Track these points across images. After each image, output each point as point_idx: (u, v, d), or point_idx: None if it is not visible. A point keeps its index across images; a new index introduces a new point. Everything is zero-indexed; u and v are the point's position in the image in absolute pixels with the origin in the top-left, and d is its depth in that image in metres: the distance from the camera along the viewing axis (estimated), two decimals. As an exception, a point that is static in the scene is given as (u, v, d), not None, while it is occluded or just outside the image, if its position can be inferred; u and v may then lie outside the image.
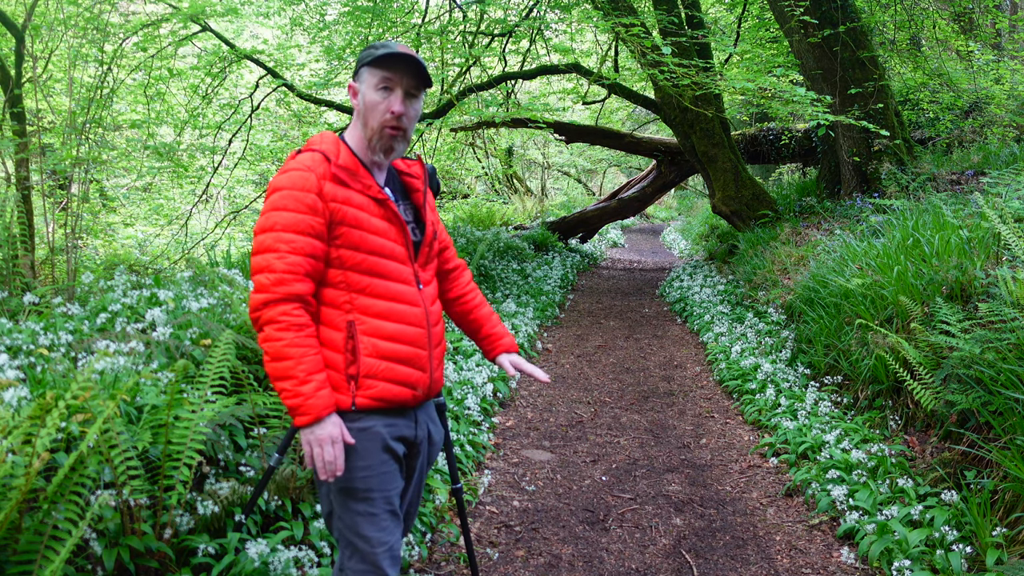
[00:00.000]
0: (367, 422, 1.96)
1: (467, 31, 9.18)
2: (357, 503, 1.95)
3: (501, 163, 19.84)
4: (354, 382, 1.93)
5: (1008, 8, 13.09)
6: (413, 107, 2.00)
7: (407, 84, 1.96)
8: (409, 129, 2.01)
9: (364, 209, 1.95)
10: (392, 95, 1.95)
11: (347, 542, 1.98)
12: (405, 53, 1.94)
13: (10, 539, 2.11)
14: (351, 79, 2.06)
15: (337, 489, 1.96)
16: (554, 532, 3.53)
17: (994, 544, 2.83)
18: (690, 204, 25.40)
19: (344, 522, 1.97)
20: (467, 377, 5.06)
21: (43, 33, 7.73)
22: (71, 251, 6.47)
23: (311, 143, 2.02)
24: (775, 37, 10.99)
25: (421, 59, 1.99)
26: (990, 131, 9.06)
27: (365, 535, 1.95)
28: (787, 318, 6.28)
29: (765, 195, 9.78)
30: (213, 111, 10.01)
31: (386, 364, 1.96)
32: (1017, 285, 3.47)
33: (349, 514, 1.96)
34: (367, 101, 1.97)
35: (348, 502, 1.96)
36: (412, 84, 1.97)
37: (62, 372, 2.87)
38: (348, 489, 1.95)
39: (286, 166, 1.96)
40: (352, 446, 1.92)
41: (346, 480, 1.94)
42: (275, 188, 1.92)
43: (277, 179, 1.94)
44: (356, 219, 1.93)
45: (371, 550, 1.95)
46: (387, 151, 2.00)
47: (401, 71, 1.95)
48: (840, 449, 3.90)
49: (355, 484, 1.94)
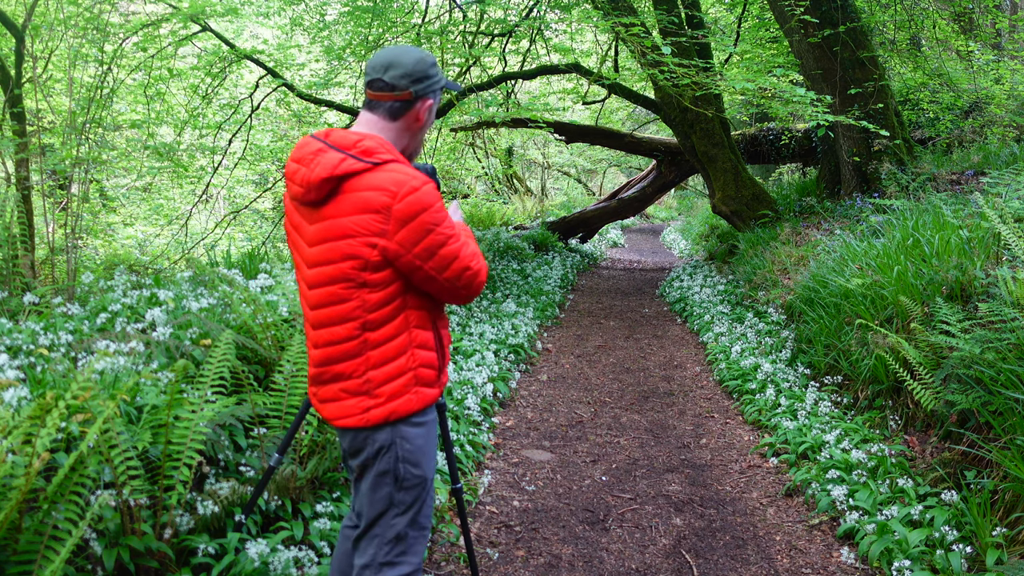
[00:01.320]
0: (431, 414, 2.08)
1: (467, 31, 9.18)
2: (427, 492, 2.06)
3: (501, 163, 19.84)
4: (442, 372, 2.08)
5: (1008, 8, 13.09)
6: None
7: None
8: None
9: None
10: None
11: (395, 538, 2.03)
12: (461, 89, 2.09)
13: (10, 539, 2.11)
14: (427, 91, 1.99)
15: (414, 484, 2.02)
16: (554, 532, 3.53)
17: (994, 544, 2.83)
18: (690, 204, 25.39)
19: (408, 516, 2.03)
20: (467, 377, 5.06)
21: (43, 33, 7.72)
22: (71, 251, 6.47)
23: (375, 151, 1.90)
24: (775, 37, 10.99)
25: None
26: (990, 131, 9.06)
27: (423, 524, 2.07)
28: (787, 318, 6.28)
29: (765, 195, 9.78)
30: (213, 111, 10.01)
31: (448, 350, 2.12)
32: (1017, 285, 3.47)
33: (416, 505, 2.04)
34: (427, 121, 2.04)
35: (423, 494, 2.05)
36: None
37: (62, 372, 2.87)
38: (426, 480, 2.05)
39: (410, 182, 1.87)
40: (428, 438, 2.05)
41: (428, 472, 2.05)
42: (423, 204, 1.87)
43: (417, 196, 1.87)
44: None
45: (421, 536, 2.06)
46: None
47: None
48: (840, 449, 3.90)
49: (431, 473, 2.06)
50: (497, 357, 5.90)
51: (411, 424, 2.00)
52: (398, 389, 1.96)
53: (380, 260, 1.89)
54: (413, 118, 2.00)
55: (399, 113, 1.98)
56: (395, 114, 1.98)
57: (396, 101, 1.97)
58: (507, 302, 7.83)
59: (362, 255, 1.88)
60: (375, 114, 1.99)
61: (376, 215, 1.86)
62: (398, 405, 1.96)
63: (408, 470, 2.00)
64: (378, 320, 1.94)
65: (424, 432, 2.03)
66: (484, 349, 5.87)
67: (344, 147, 1.90)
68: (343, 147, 1.90)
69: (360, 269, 1.90)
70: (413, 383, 1.98)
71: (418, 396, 1.99)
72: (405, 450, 1.99)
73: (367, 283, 1.91)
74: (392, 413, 1.96)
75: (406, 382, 1.97)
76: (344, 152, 1.89)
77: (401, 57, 1.97)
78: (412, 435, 2.00)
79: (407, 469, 2.00)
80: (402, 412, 1.97)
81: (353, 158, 1.88)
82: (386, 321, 1.94)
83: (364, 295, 1.92)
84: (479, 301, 7.92)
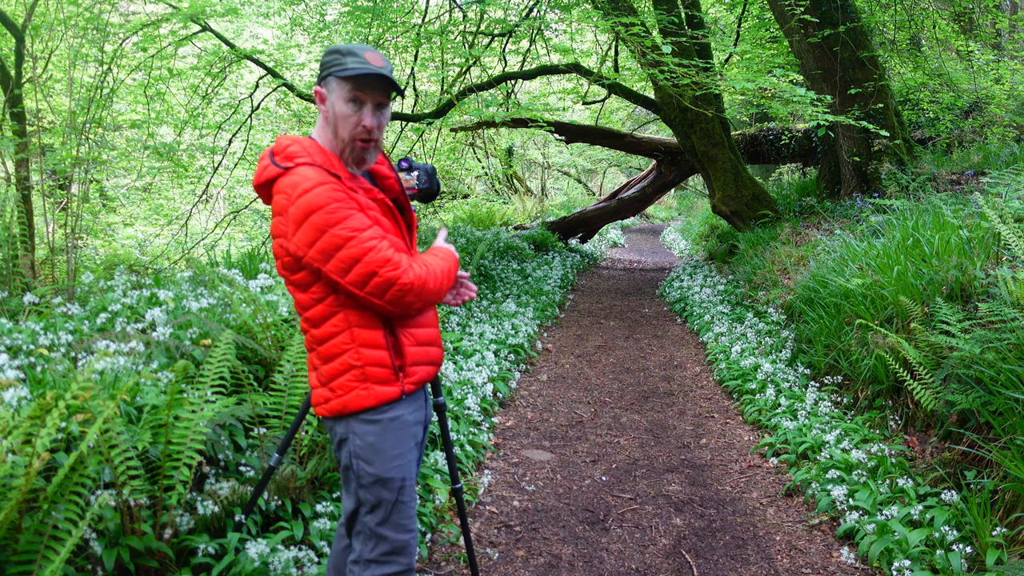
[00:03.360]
0: (397, 411, 2.02)
1: (467, 31, 9.18)
2: (390, 493, 2.01)
3: (501, 163, 19.84)
4: (401, 372, 2.02)
5: (1008, 8, 13.09)
6: (383, 116, 2.00)
7: (377, 97, 1.96)
8: (380, 138, 2.02)
9: (374, 211, 1.98)
10: (363, 108, 1.95)
11: (371, 535, 2.01)
12: (376, 72, 1.90)
13: (10, 539, 2.11)
14: (317, 83, 2.00)
15: (371, 482, 1.99)
16: (554, 532, 3.53)
17: (994, 544, 2.83)
18: (690, 204, 25.39)
19: (373, 515, 2.01)
20: (467, 377, 5.06)
21: (43, 33, 7.72)
22: (71, 251, 6.47)
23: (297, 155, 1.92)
24: (775, 37, 10.99)
25: (389, 68, 1.97)
26: (990, 131, 9.06)
27: (400, 524, 2.02)
28: (787, 318, 6.28)
29: (765, 195, 9.78)
30: (213, 111, 10.01)
31: (423, 349, 2.07)
32: (1017, 285, 3.47)
33: (383, 506, 2.00)
34: (337, 112, 1.95)
35: (382, 493, 2.00)
36: (382, 96, 1.97)
37: (62, 372, 2.87)
38: (383, 480, 2.00)
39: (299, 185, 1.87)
40: (386, 437, 2.00)
41: (382, 471, 1.99)
42: (312, 207, 1.85)
43: (306, 199, 1.86)
44: (376, 221, 1.97)
45: (403, 538, 2.02)
46: (359, 162, 2.02)
47: (370, 86, 1.93)
48: (840, 449, 3.90)
49: (390, 474, 2.00)
50: (497, 357, 5.90)
51: (362, 420, 1.99)
52: (345, 385, 1.99)
53: (291, 262, 1.95)
54: (323, 112, 2.00)
55: (320, 111, 2.01)
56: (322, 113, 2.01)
57: (317, 98, 2.01)
58: (507, 302, 7.83)
59: (279, 256, 1.97)
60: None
61: (280, 218, 1.92)
62: (349, 400, 1.98)
63: (361, 467, 1.99)
64: (315, 318, 1.99)
65: (377, 430, 1.99)
66: (484, 349, 5.87)
67: (275, 153, 1.96)
68: (275, 153, 1.96)
69: (284, 269, 1.99)
70: (361, 380, 1.97)
71: (369, 392, 1.98)
72: (356, 446, 2.00)
73: (293, 283, 2.00)
74: (344, 407, 1.99)
75: (353, 378, 1.98)
76: (272, 159, 1.95)
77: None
78: (362, 431, 1.99)
79: (360, 466, 1.99)
80: (353, 407, 1.98)
81: (274, 164, 1.94)
82: (323, 320, 1.98)
83: (296, 294, 2.01)
84: (479, 301, 7.92)
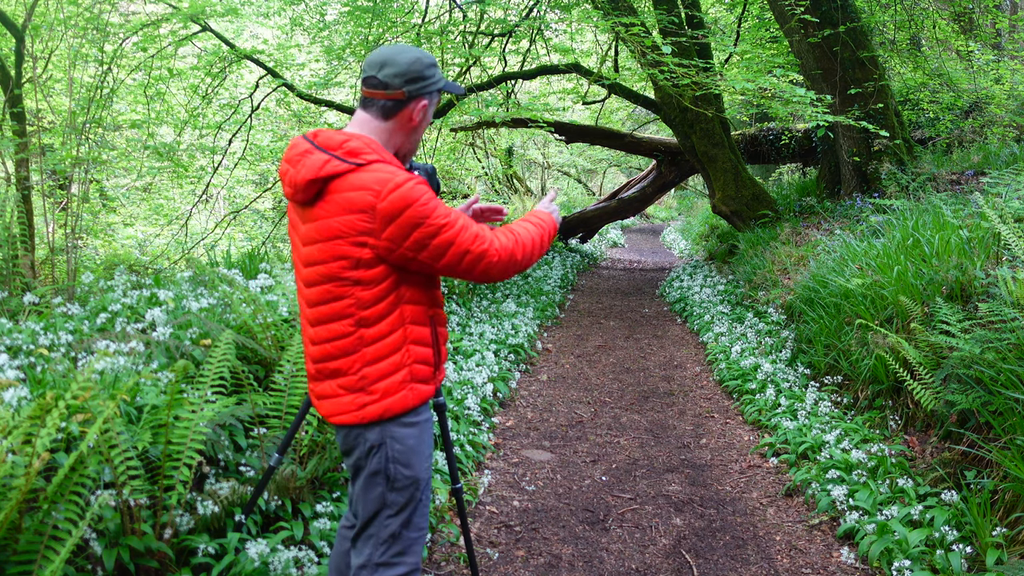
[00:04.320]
0: (425, 414, 2.06)
1: (467, 31, 9.18)
2: (420, 493, 2.04)
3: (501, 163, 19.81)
4: (437, 370, 2.06)
5: (1008, 8, 13.09)
6: None
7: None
8: None
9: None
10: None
11: (389, 537, 2.02)
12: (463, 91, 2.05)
13: (10, 539, 2.11)
14: (421, 92, 1.98)
15: (406, 485, 2.01)
16: (554, 532, 3.53)
17: (994, 544, 2.83)
18: (690, 204, 25.39)
19: (402, 516, 2.02)
20: (467, 377, 5.06)
21: (43, 33, 7.72)
22: (71, 251, 6.47)
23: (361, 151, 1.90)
24: (775, 37, 10.98)
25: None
26: (990, 131, 9.05)
27: (419, 524, 2.05)
28: (787, 318, 6.28)
29: (765, 195, 9.78)
30: (213, 111, 10.00)
31: (445, 348, 2.11)
32: (1017, 285, 3.47)
33: (410, 506, 2.03)
34: (424, 122, 2.04)
35: (415, 495, 2.03)
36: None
37: (62, 372, 2.87)
38: (419, 481, 2.03)
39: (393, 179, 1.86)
40: (422, 439, 2.03)
41: (420, 472, 2.03)
42: (407, 200, 1.85)
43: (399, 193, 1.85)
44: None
45: (419, 537, 2.05)
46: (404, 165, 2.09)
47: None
48: (840, 449, 3.90)
49: (425, 475, 2.04)
50: (497, 357, 5.90)
51: (402, 424, 1.99)
52: (393, 386, 1.97)
53: (372, 258, 1.90)
54: (406, 118, 1.99)
55: (391, 112, 1.98)
56: (387, 113, 1.98)
57: (388, 100, 1.96)
58: (507, 302, 7.83)
59: (351, 255, 1.90)
60: (368, 112, 1.99)
61: (362, 215, 1.87)
62: (393, 402, 1.96)
63: (399, 471, 1.99)
64: (373, 316, 1.94)
65: (416, 432, 2.02)
66: (484, 349, 5.87)
67: (330, 148, 1.91)
68: (329, 148, 1.91)
69: (351, 268, 1.91)
70: (408, 379, 1.98)
71: (413, 393, 1.99)
72: (395, 450, 1.98)
73: (359, 281, 1.92)
74: (386, 411, 1.96)
75: (402, 379, 1.97)
76: (329, 153, 1.90)
77: (397, 56, 1.96)
78: (402, 435, 1.99)
79: (398, 469, 1.99)
80: (396, 409, 1.97)
81: (337, 159, 1.89)
82: (381, 317, 1.95)
83: (357, 292, 1.93)
84: (479, 300, 7.93)
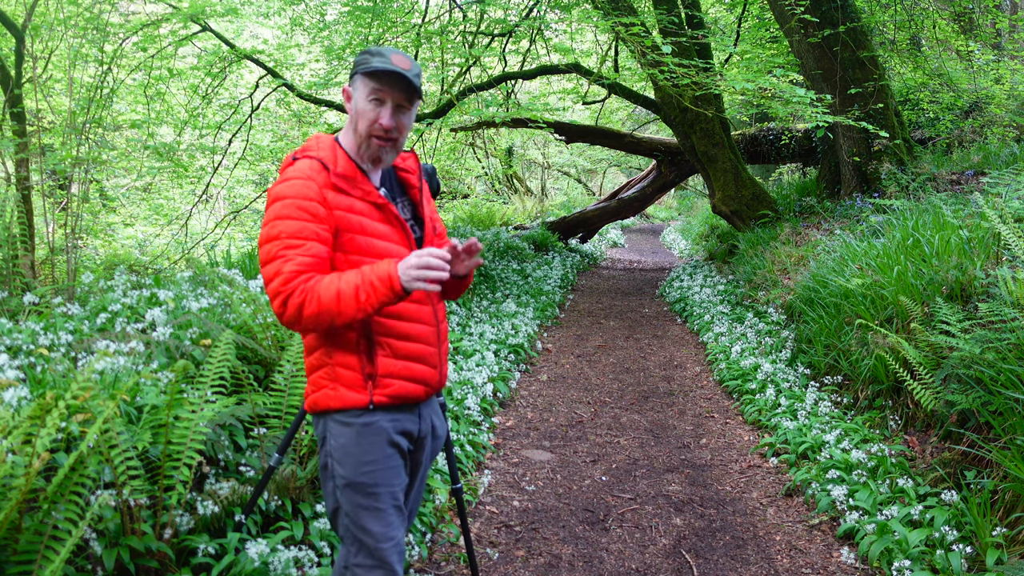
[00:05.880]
0: (371, 417, 1.99)
1: (467, 31, 9.18)
2: (363, 498, 1.97)
3: (501, 163, 19.84)
4: (371, 381, 1.98)
5: (1008, 8, 13.09)
6: (404, 118, 2.00)
7: (397, 98, 1.97)
8: (400, 139, 2.02)
9: (366, 215, 1.97)
10: (383, 107, 1.96)
11: (352, 539, 2.00)
12: (396, 70, 1.92)
13: (10, 539, 2.11)
14: (347, 82, 2.05)
15: (343, 485, 1.98)
16: (554, 532, 3.53)
17: (994, 544, 2.83)
18: (690, 204, 25.40)
19: (350, 518, 1.99)
20: (467, 377, 5.06)
21: (43, 33, 7.72)
22: (71, 251, 6.47)
23: (307, 148, 2.01)
24: (775, 37, 10.99)
25: (414, 72, 1.96)
26: (990, 131, 9.06)
27: (372, 530, 1.98)
28: (787, 318, 6.28)
29: (765, 195, 9.78)
30: (213, 111, 10.01)
31: (403, 363, 2.02)
32: (1017, 285, 3.47)
33: (355, 510, 1.98)
34: (358, 109, 1.98)
35: (354, 497, 1.98)
36: (403, 98, 1.97)
37: (62, 372, 2.87)
38: (354, 484, 1.97)
39: (285, 174, 1.95)
40: (358, 442, 1.97)
41: (352, 475, 1.97)
42: (276, 197, 1.92)
43: (277, 188, 1.93)
44: (360, 226, 1.96)
45: (377, 545, 1.98)
46: (374, 160, 2.02)
47: (391, 85, 1.95)
48: (840, 449, 3.90)
49: (361, 479, 1.97)
50: (497, 357, 5.90)
51: (336, 421, 1.99)
52: (317, 382, 2.01)
53: None
54: (349, 109, 2.03)
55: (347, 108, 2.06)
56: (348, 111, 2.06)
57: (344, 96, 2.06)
58: (507, 302, 7.83)
59: None
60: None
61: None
62: (319, 397, 2.00)
63: (335, 467, 1.99)
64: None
65: (351, 434, 1.96)
66: (484, 349, 5.88)
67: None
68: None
69: None
70: (330, 379, 1.98)
71: (337, 395, 1.97)
72: (331, 446, 2.00)
73: None
74: (315, 404, 2.01)
75: (324, 376, 2.00)
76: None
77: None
78: (336, 432, 1.99)
79: (334, 466, 1.99)
80: (322, 406, 1.99)
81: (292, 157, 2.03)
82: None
83: None
84: (479, 301, 7.92)
